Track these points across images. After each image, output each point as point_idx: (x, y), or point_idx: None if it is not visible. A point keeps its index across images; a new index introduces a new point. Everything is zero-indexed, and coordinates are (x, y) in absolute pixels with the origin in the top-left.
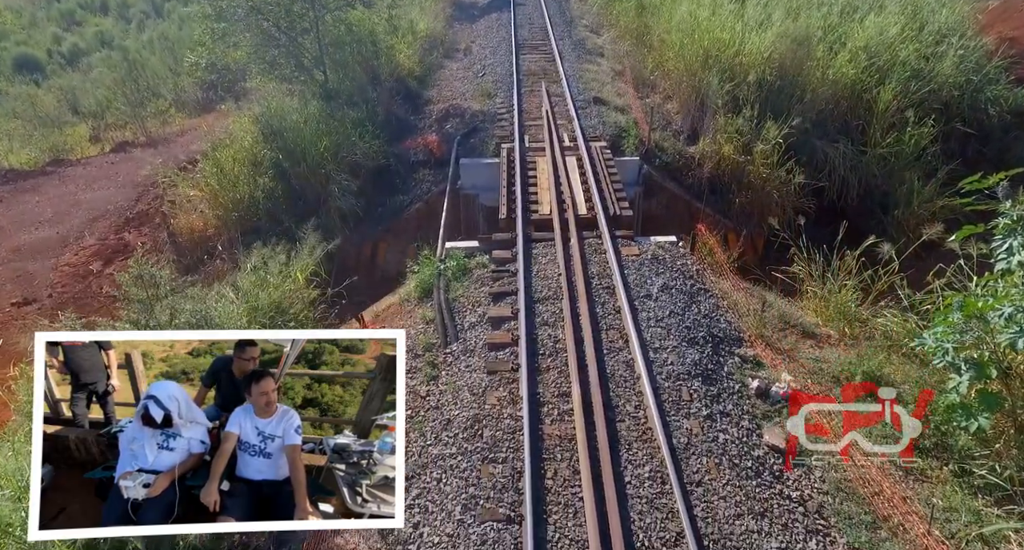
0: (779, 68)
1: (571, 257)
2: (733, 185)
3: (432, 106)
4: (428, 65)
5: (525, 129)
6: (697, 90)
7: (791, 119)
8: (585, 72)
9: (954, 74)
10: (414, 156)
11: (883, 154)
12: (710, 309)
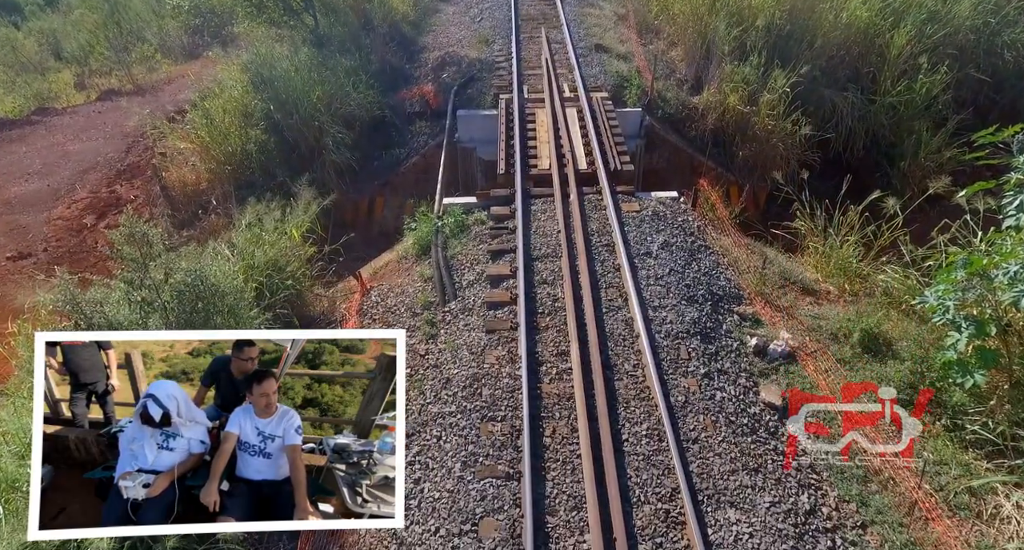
0: (790, 11)
1: (570, 213)
2: (737, 137)
3: (428, 53)
4: (423, 9)
5: (524, 79)
6: (703, 36)
7: (800, 67)
8: (587, 17)
9: (971, 16)
10: (410, 107)
11: (892, 103)
12: (710, 266)
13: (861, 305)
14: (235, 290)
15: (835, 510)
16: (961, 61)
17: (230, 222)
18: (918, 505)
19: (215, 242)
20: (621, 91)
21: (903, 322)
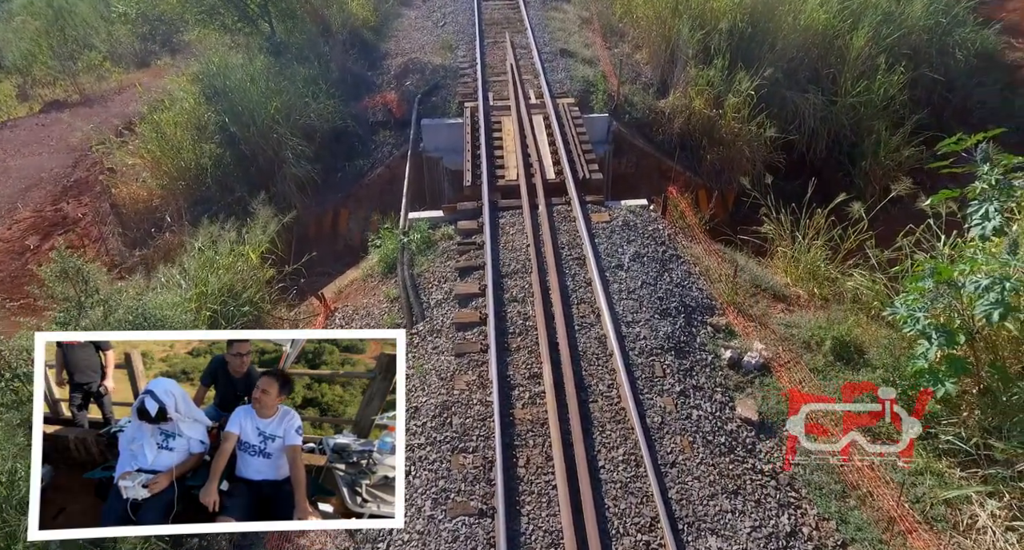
0: (751, 14)
1: (540, 226)
2: (704, 140)
3: (390, 60)
4: (384, 14)
5: (489, 86)
6: (667, 39)
7: (763, 69)
8: (551, 20)
9: (924, 16)
10: (373, 116)
11: (852, 103)
12: (682, 277)
13: (831, 311)
14: (184, 325)
15: (815, 529)
16: (915, 61)
17: (186, 240)
18: (896, 520)
19: (166, 267)
20: (587, 96)
21: (873, 328)
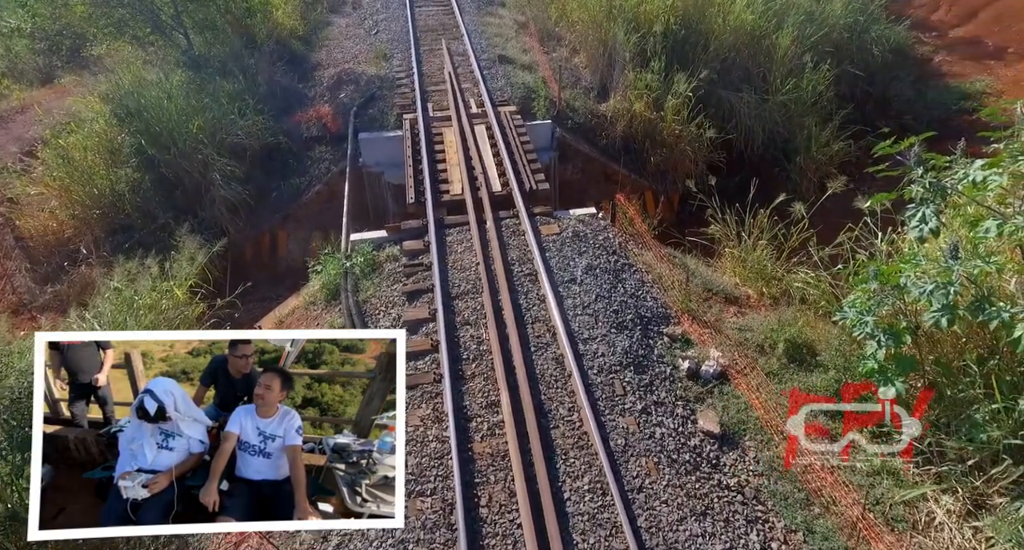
0: (683, 16)
1: (488, 242)
2: (646, 143)
3: (322, 71)
4: (313, 23)
5: (428, 96)
6: (604, 43)
7: (699, 71)
8: (487, 26)
9: (844, 15)
10: (307, 131)
11: (783, 101)
12: (636, 286)
13: (781, 311)
14: None
15: (784, 543)
16: (838, 58)
17: (100, 278)
18: (859, 525)
19: (77, 310)
20: (529, 103)
21: (822, 326)
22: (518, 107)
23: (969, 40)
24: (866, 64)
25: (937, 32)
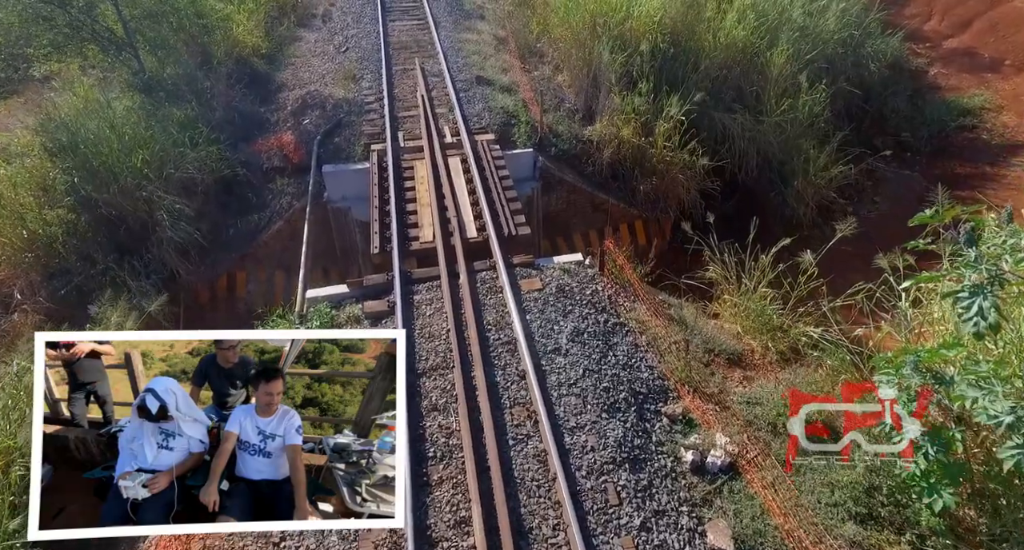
0: (671, 34)
1: (461, 301)
2: (636, 170)
3: (286, 93)
4: (278, 39)
5: (399, 122)
6: (588, 63)
7: (692, 95)
8: (465, 43)
9: (838, 30)
10: (267, 162)
11: (778, 122)
12: (628, 353)
13: (792, 372)
14: None
15: None
16: (833, 74)
17: (43, 320)
18: None
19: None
20: (509, 130)
21: None
22: (497, 135)
23: (964, 51)
24: (861, 80)
25: (930, 43)
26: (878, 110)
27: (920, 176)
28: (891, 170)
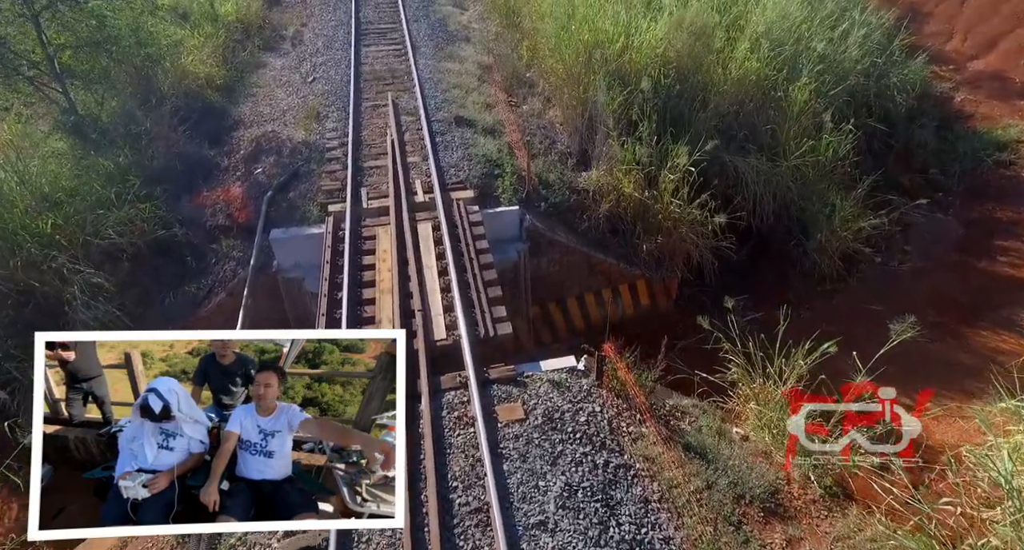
0: (676, 68)
1: (421, 440)
2: (638, 226)
3: (242, 132)
4: (239, 66)
5: (363, 175)
6: (582, 101)
7: (701, 140)
8: (445, 73)
9: (860, 58)
10: (211, 218)
11: (797, 165)
12: (636, 516)
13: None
14: None
15: None
16: (854, 106)
17: None
18: None
19: None
20: (491, 182)
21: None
22: (477, 191)
23: (992, 75)
24: (886, 113)
25: (954, 65)
26: (904, 145)
27: (955, 220)
28: (922, 212)
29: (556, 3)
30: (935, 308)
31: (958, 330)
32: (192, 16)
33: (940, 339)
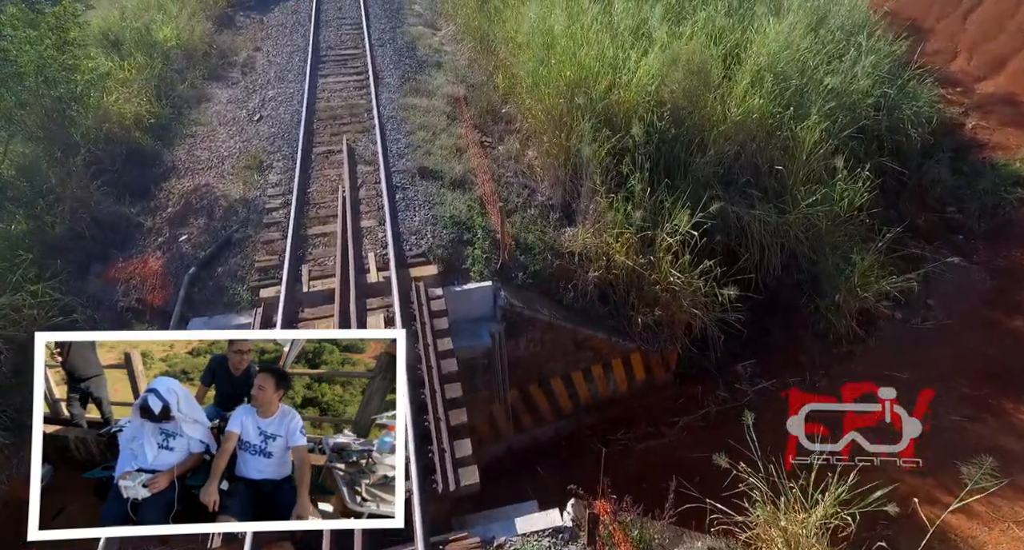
0: (671, 110)
1: None
2: (631, 296)
3: (173, 183)
4: (179, 100)
5: (306, 247)
6: (565, 149)
7: (703, 193)
8: (411, 111)
9: (869, 90)
10: (123, 298)
11: (808, 214)
12: None
13: None
14: None
15: None
16: (865, 142)
17: None
18: None
19: None
20: (459, 251)
21: None
22: (442, 264)
23: (1004, 98)
24: (898, 148)
25: (961, 87)
26: (917, 181)
27: (980, 268)
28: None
29: (534, 31)
30: (966, 377)
31: (998, 405)
32: (125, 44)
33: (978, 417)
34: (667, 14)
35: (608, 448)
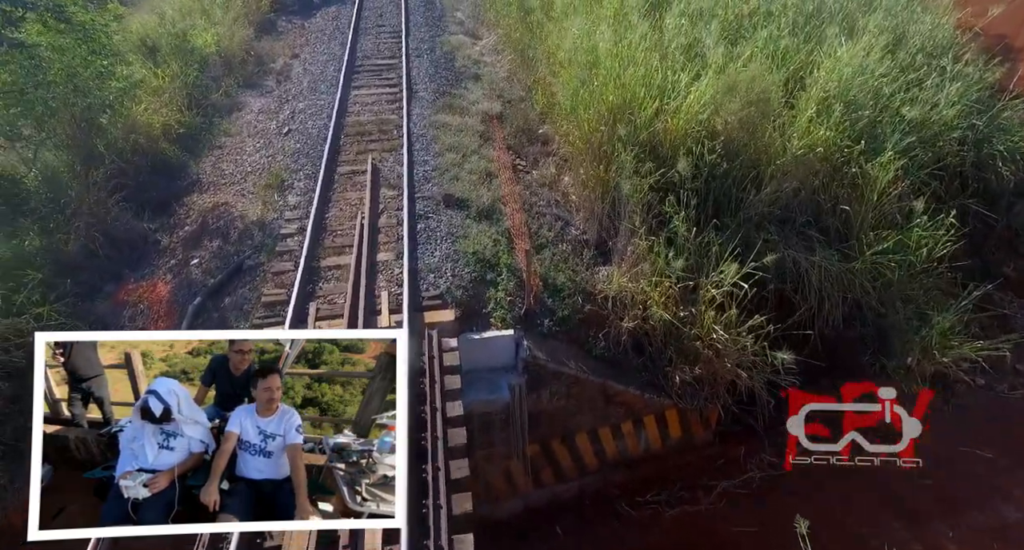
0: (724, 142)
1: None
2: (669, 350)
3: (193, 198)
4: (211, 108)
5: (317, 280)
6: (603, 181)
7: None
8: (444, 129)
9: (953, 121)
10: (128, 324)
11: (876, 262)
12: None
13: None
14: None
15: None
16: (946, 181)
17: None
18: None
19: None
20: (480, 293)
21: None
22: (461, 308)
23: None
24: (986, 186)
25: None
26: (1007, 225)
27: None
28: None
29: (576, 49)
30: None
31: None
32: (161, 51)
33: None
34: (724, 33)
35: (636, 511)
